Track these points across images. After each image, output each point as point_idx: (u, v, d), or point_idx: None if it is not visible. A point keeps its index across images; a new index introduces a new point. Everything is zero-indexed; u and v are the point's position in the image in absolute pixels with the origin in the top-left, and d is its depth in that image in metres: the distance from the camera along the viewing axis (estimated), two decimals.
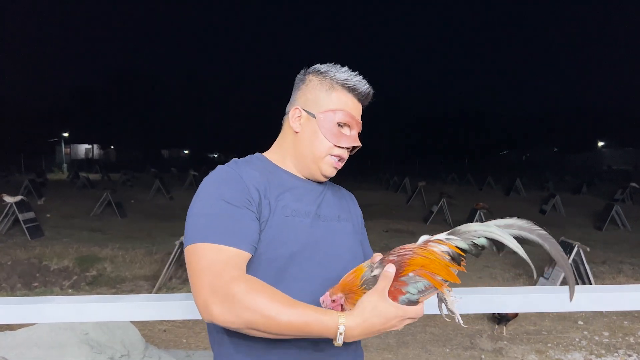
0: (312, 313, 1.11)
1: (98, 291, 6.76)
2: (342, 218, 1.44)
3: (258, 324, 1.09)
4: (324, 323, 1.10)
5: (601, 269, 7.84)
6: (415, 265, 1.15)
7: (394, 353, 4.71)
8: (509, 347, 4.87)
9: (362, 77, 1.41)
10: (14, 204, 10.20)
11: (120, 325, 3.61)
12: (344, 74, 1.38)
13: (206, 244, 1.16)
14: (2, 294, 6.49)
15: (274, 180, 1.34)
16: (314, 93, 1.39)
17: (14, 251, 8.40)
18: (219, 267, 1.13)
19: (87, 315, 1.66)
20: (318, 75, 1.40)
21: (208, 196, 1.24)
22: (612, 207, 12.38)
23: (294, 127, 1.40)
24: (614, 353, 4.74)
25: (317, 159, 1.39)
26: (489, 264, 8.34)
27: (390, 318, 1.12)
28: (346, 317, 1.11)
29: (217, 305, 1.10)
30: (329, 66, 1.41)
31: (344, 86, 1.37)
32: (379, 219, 13.03)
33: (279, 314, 1.09)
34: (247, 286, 1.11)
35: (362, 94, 1.40)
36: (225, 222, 1.19)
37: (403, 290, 1.13)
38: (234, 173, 1.28)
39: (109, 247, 8.73)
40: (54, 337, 3.20)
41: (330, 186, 1.53)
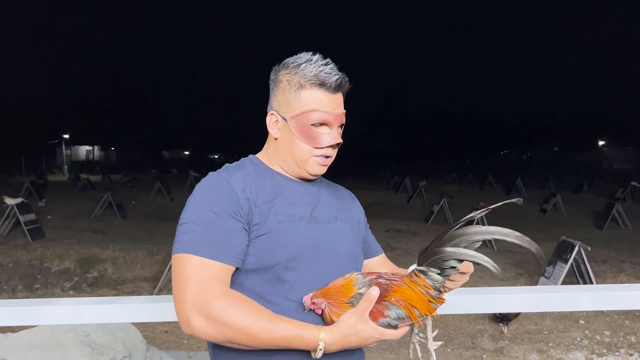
0: (293, 329, 1.14)
1: (99, 292, 6.76)
2: (339, 219, 1.43)
3: (239, 340, 1.13)
4: (304, 339, 1.15)
5: (602, 268, 7.84)
6: (399, 293, 1.20)
7: (395, 353, 4.71)
8: (511, 347, 4.86)
9: (334, 66, 1.34)
10: (14, 205, 10.20)
11: (122, 326, 3.61)
12: (312, 69, 1.30)
13: (192, 256, 1.18)
14: (3, 295, 6.49)
15: (267, 185, 1.33)
16: (284, 95, 1.33)
17: (15, 253, 8.40)
18: (202, 281, 1.15)
19: (88, 317, 1.67)
20: (287, 73, 1.33)
21: (197, 206, 1.25)
22: (613, 206, 12.37)
23: (273, 134, 1.38)
24: (615, 352, 4.74)
25: (301, 163, 1.36)
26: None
27: (367, 338, 1.17)
28: (326, 332, 1.16)
29: (199, 320, 1.12)
30: (298, 59, 1.34)
31: (313, 83, 1.30)
32: (379, 219, 13.03)
33: (260, 331, 1.12)
34: (228, 302, 1.13)
35: (334, 86, 1.31)
36: (212, 234, 1.20)
37: (385, 314, 1.18)
38: (224, 181, 1.28)
39: (110, 249, 8.72)
40: (55, 339, 3.20)
41: (327, 186, 1.51)
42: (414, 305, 1.18)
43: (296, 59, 1.34)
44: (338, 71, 1.33)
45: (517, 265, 8.07)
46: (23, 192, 16.73)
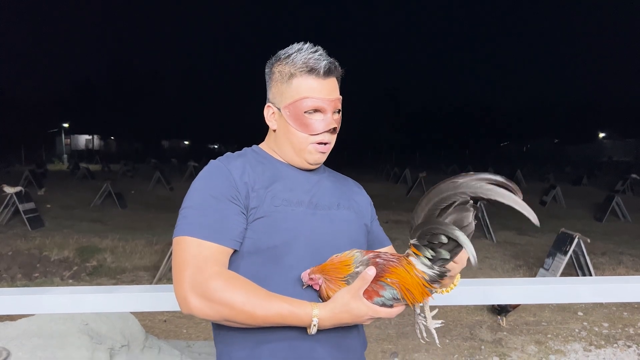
0: (287, 306, 1.16)
1: (98, 282, 6.77)
2: (342, 206, 1.43)
3: (235, 318, 1.15)
4: (299, 316, 1.17)
5: (601, 260, 7.85)
6: (395, 275, 1.19)
7: (394, 343, 4.72)
8: (509, 338, 4.88)
9: (323, 52, 1.35)
10: (14, 194, 10.20)
11: (121, 315, 3.62)
12: (302, 56, 1.33)
13: (191, 238, 1.21)
14: (2, 284, 6.50)
15: (266, 172, 1.36)
16: (277, 86, 1.36)
17: (14, 242, 8.42)
18: (200, 262, 1.18)
19: (87, 306, 1.67)
20: (279, 64, 1.36)
21: (196, 191, 1.29)
22: (612, 199, 12.37)
23: (270, 125, 1.42)
24: (614, 344, 4.75)
25: (299, 151, 1.38)
26: (488, 254, 8.35)
27: (360, 316, 1.17)
28: (319, 309, 1.18)
29: (196, 299, 1.15)
30: (288, 50, 1.36)
31: (303, 70, 1.32)
32: (379, 210, 12.93)
33: (255, 309, 1.14)
34: (225, 282, 1.15)
35: (323, 71, 1.32)
36: (211, 217, 1.23)
37: (380, 293, 1.18)
38: (223, 168, 1.32)
39: (109, 238, 8.73)
40: (54, 328, 3.21)
41: (330, 175, 1.52)
42: (409, 288, 1.18)
43: (287, 49, 1.37)
44: (328, 57, 1.35)
45: (516, 257, 8.08)
46: (22, 181, 16.72)
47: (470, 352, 4.57)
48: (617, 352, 4.60)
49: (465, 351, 4.60)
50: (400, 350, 4.59)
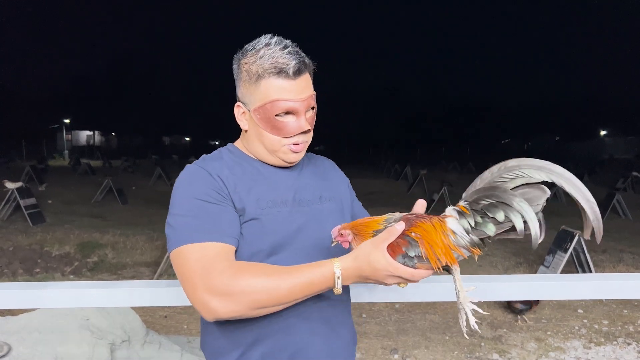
0: (308, 269, 1.13)
1: (99, 277, 6.78)
2: (324, 198, 1.41)
3: (263, 301, 1.11)
4: (322, 273, 1.13)
5: (602, 257, 7.85)
6: (421, 229, 1.14)
7: (394, 340, 4.73)
8: (509, 335, 4.89)
9: (294, 48, 1.27)
10: (15, 190, 10.22)
11: (121, 311, 3.63)
12: (270, 56, 1.23)
13: (190, 244, 1.16)
14: (3, 279, 6.52)
15: (246, 173, 1.32)
16: (245, 87, 1.29)
17: (15, 237, 8.43)
18: (207, 263, 1.13)
19: (88, 301, 1.67)
20: (246, 62, 1.27)
21: (181, 198, 1.24)
22: (613, 196, 12.35)
23: (242, 126, 1.35)
24: (613, 341, 4.76)
25: (272, 152, 1.32)
26: (489, 252, 8.35)
27: (378, 269, 1.11)
28: (340, 261, 1.14)
29: (216, 300, 1.10)
30: (256, 44, 1.27)
31: (271, 71, 1.23)
32: (379, 207, 13.03)
33: (278, 284, 1.11)
34: (238, 271, 1.12)
35: (292, 72, 1.23)
36: (204, 219, 1.19)
37: (402, 249, 1.12)
38: (202, 170, 1.27)
39: (110, 234, 8.74)
40: (55, 323, 3.22)
41: (308, 162, 1.48)
42: (432, 245, 1.11)
43: (255, 44, 1.28)
44: (299, 53, 1.27)
45: (516, 254, 8.08)
46: (23, 176, 16.75)
47: (470, 349, 4.58)
48: (616, 349, 4.60)
49: (465, 348, 4.61)
50: (400, 346, 4.60)
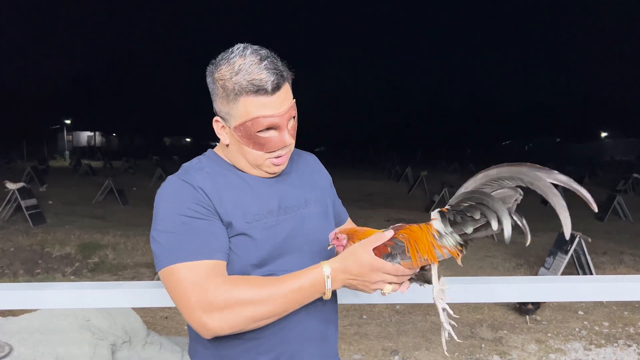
0: (298, 276, 1.16)
1: (100, 278, 6.78)
2: (309, 201, 1.40)
3: (259, 312, 1.13)
4: (313, 275, 1.16)
5: (602, 259, 7.85)
6: (408, 231, 1.20)
7: (394, 341, 4.73)
8: (509, 337, 4.88)
9: (271, 60, 1.21)
10: (16, 190, 10.22)
11: (122, 311, 3.63)
12: (246, 73, 1.18)
13: (180, 264, 1.15)
14: (4, 280, 6.52)
15: (229, 184, 1.29)
16: (222, 103, 1.23)
17: (16, 237, 8.44)
18: (200, 282, 1.13)
19: (88, 302, 1.67)
20: (221, 78, 1.21)
21: (166, 214, 1.21)
22: (614, 198, 12.35)
23: (222, 140, 1.31)
24: (614, 343, 4.76)
25: (255, 166, 1.30)
26: (489, 253, 8.35)
27: (364, 264, 1.14)
28: (329, 263, 1.17)
29: (213, 318, 1.11)
30: (231, 57, 1.21)
31: (249, 90, 1.18)
32: (380, 209, 13.05)
33: (271, 293, 1.13)
34: (231, 285, 1.13)
35: (271, 89, 1.19)
36: (191, 237, 1.18)
37: (388, 249, 1.17)
38: (184, 184, 1.24)
39: (110, 234, 8.75)
40: (56, 323, 3.22)
41: (291, 162, 1.42)
42: (417, 242, 1.17)
43: (229, 56, 1.22)
44: (276, 66, 1.21)
45: (517, 255, 8.08)
46: (24, 177, 16.75)
47: (470, 351, 4.58)
48: (617, 351, 4.60)
49: (466, 349, 4.60)
50: (400, 348, 4.60)
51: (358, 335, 4.88)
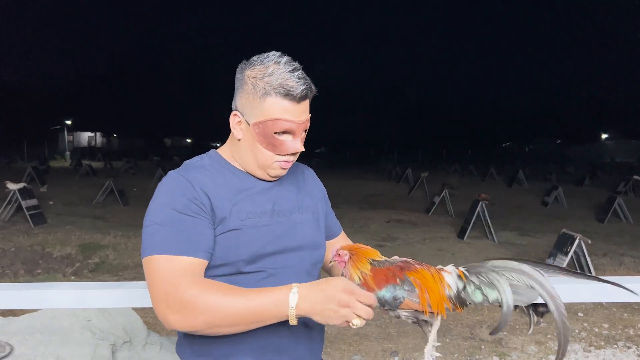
0: (265, 292, 1.15)
1: (100, 278, 6.79)
2: (302, 208, 1.44)
3: (218, 321, 1.13)
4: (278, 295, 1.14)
5: (602, 261, 7.85)
6: (420, 276, 1.20)
7: (394, 342, 4.73)
8: (509, 338, 4.89)
9: (302, 73, 1.29)
10: (16, 190, 10.23)
11: (122, 312, 3.63)
12: (279, 76, 1.26)
13: (159, 255, 1.18)
14: (5, 280, 6.53)
15: (228, 183, 1.34)
16: (248, 99, 1.30)
17: (17, 238, 8.44)
18: (172, 277, 1.15)
19: (89, 302, 1.67)
20: (253, 76, 1.29)
21: (159, 206, 1.25)
22: (614, 200, 12.35)
23: (236, 134, 1.37)
24: (614, 345, 4.76)
25: (262, 167, 1.35)
26: (490, 255, 8.35)
27: (336, 285, 1.13)
28: (299, 285, 1.15)
29: (174, 314, 1.13)
30: (265, 60, 1.29)
31: (279, 92, 1.26)
32: (380, 210, 13.06)
33: (233, 303, 1.13)
34: (200, 289, 1.14)
35: (299, 97, 1.28)
36: (177, 232, 1.21)
37: (397, 280, 1.18)
38: (184, 180, 1.28)
39: (111, 235, 8.76)
40: (57, 323, 3.23)
41: (288, 172, 1.47)
42: (429, 291, 1.18)
43: (263, 59, 1.30)
44: (306, 79, 1.30)
45: (517, 257, 8.07)
46: (25, 177, 16.77)
47: (470, 352, 4.58)
48: (616, 353, 4.60)
49: (465, 350, 4.61)
50: (400, 349, 4.60)
51: (358, 336, 4.88)
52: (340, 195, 15.62)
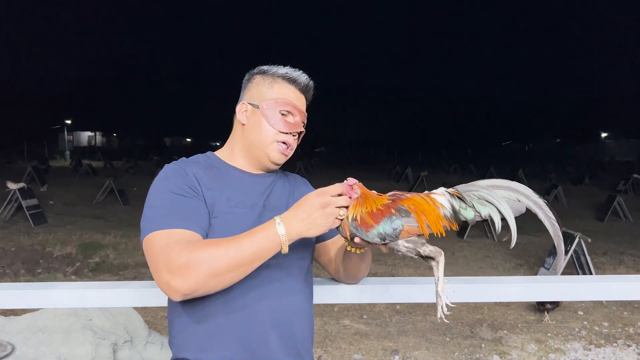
0: (253, 233, 1.22)
1: (101, 278, 6.80)
2: (290, 205, 1.45)
3: (219, 270, 1.17)
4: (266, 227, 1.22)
5: (602, 260, 7.86)
6: (413, 202, 1.25)
7: (394, 341, 4.74)
8: (509, 337, 4.89)
9: (303, 72, 1.50)
10: (17, 190, 10.23)
11: (124, 311, 3.64)
12: (284, 69, 1.48)
13: (158, 231, 1.23)
14: (5, 280, 6.53)
15: (220, 175, 1.43)
16: (257, 88, 1.48)
17: (17, 237, 8.45)
18: (170, 246, 1.19)
19: (90, 301, 1.68)
20: (261, 73, 1.50)
21: (157, 191, 1.33)
22: (614, 199, 12.36)
23: (241, 120, 1.49)
24: (614, 343, 4.77)
25: (264, 146, 1.45)
26: (489, 254, 8.36)
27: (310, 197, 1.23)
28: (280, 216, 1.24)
29: (177, 278, 1.16)
30: (271, 66, 1.51)
31: (285, 78, 1.47)
32: None
33: (228, 250, 1.18)
34: (195, 245, 1.19)
35: (302, 85, 1.49)
36: (175, 209, 1.27)
37: (392, 211, 1.23)
38: (179, 169, 1.39)
39: (111, 234, 8.77)
40: (58, 323, 3.23)
41: (281, 177, 1.59)
42: (425, 213, 1.23)
43: (269, 66, 1.51)
44: (309, 79, 1.51)
45: (517, 256, 8.09)
46: (25, 177, 16.76)
47: (470, 351, 4.59)
48: (616, 351, 4.61)
49: (466, 349, 4.61)
50: (400, 347, 4.61)
51: (358, 335, 4.89)
52: None
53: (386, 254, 1.37)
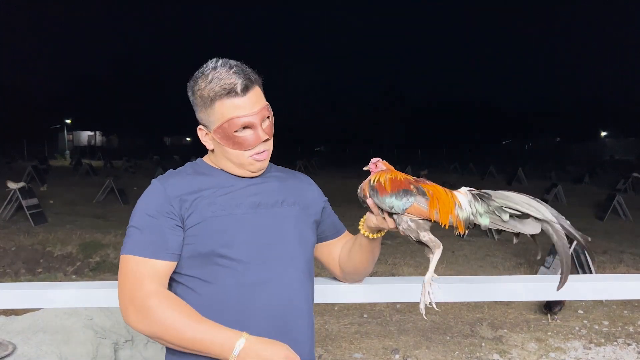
0: (217, 329, 1.23)
1: (101, 277, 6.80)
2: (286, 203, 1.46)
3: (165, 337, 1.23)
4: (228, 338, 1.21)
5: (602, 258, 7.86)
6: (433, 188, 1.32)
7: (395, 340, 4.75)
8: (509, 335, 4.90)
9: (239, 67, 1.35)
10: (17, 190, 10.24)
11: None
12: (217, 81, 1.33)
13: (130, 256, 1.29)
14: (6, 279, 6.54)
15: (204, 181, 1.41)
16: (202, 111, 1.39)
17: (17, 237, 8.46)
18: (139, 279, 1.26)
19: (91, 301, 1.69)
20: (198, 89, 1.37)
21: (136, 211, 1.35)
22: (614, 197, 12.36)
23: (207, 146, 1.45)
24: (614, 342, 4.77)
25: (239, 165, 1.41)
26: (490, 252, 8.37)
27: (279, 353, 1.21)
28: (248, 337, 1.22)
29: (133, 313, 1.24)
30: (205, 70, 1.36)
31: (221, 93, 1.32)
32: None
33: (185, 326, 1.21)
34: (160, 302, 1.23)
35: (241, 87, 1.33)
36: (147, 235, 1.30)
37: (410, 186, 1.29)
38: (159, 186, 1.37)
39: (111, 234, 8.77)
40: (59, 322, 3.24)
41: (278, 173, 1.54)
42: (439, 201, 1.27)
43: (203, 70, 1.37)
44: (244, 71, 1.35)
45: (517, 255, 8.09)
46: (25, 176, 16.77)
47: (470, 349, 4.60)
48: (616, 350, 4.62)
49: (466, 348, 4.62)
50: (401, 346, 4.61)
51: (359, 334, 4.89)
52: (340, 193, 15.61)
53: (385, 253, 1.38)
